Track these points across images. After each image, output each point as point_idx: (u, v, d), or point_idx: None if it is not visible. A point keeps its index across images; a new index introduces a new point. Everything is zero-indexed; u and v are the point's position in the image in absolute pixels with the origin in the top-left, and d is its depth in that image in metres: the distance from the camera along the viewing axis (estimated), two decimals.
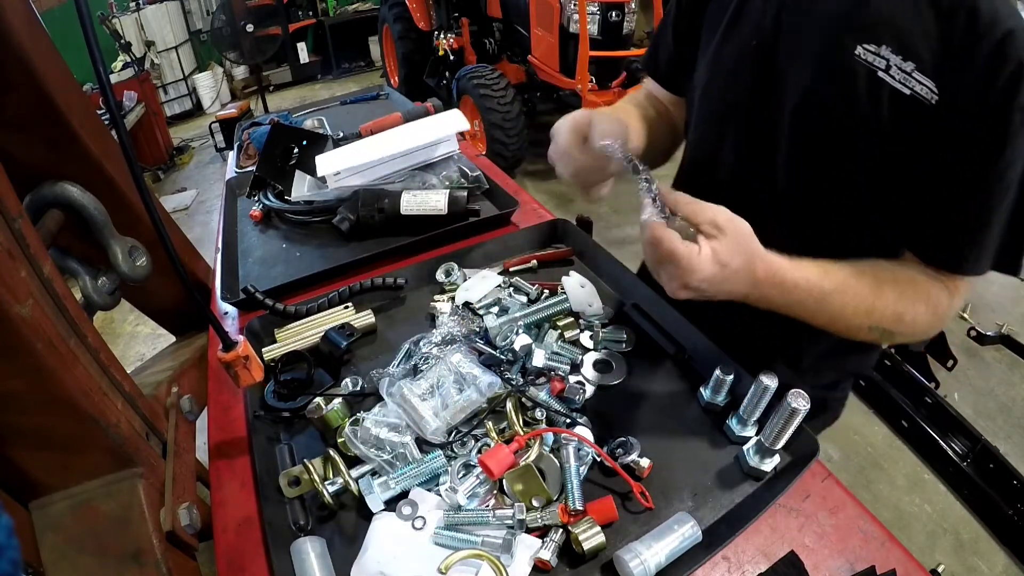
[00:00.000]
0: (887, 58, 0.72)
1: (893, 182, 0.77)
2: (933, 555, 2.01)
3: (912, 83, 0.70)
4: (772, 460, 0.73)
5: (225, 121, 4.99)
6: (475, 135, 4.13)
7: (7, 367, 0.65)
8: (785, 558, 0.66)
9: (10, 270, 0.62)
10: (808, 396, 0.68)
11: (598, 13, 3.49)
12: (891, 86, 0.72)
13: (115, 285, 0.99)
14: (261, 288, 1.05)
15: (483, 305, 1.00)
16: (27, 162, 0.85)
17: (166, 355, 1.20)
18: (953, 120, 0.70)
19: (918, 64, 0.70)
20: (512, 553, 0.65)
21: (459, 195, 1.26)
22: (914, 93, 0.70)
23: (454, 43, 4.68)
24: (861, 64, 0.73)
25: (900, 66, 0.71)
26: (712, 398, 0.81)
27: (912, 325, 0.79)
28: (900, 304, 0.77)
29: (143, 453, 0.79)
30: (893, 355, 2.61)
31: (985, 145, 0.69)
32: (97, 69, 0.50)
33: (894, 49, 0.71)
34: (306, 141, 1.40)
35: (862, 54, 0.73)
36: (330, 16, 7.12)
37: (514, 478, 0.71)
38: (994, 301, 3.22)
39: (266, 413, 0.87)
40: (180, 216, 4.51)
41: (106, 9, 5.56)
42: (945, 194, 0.74)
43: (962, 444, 2.28)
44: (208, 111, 6.54)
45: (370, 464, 0.76)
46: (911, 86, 0.71)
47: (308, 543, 0.67)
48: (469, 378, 0.81)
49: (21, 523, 0.73)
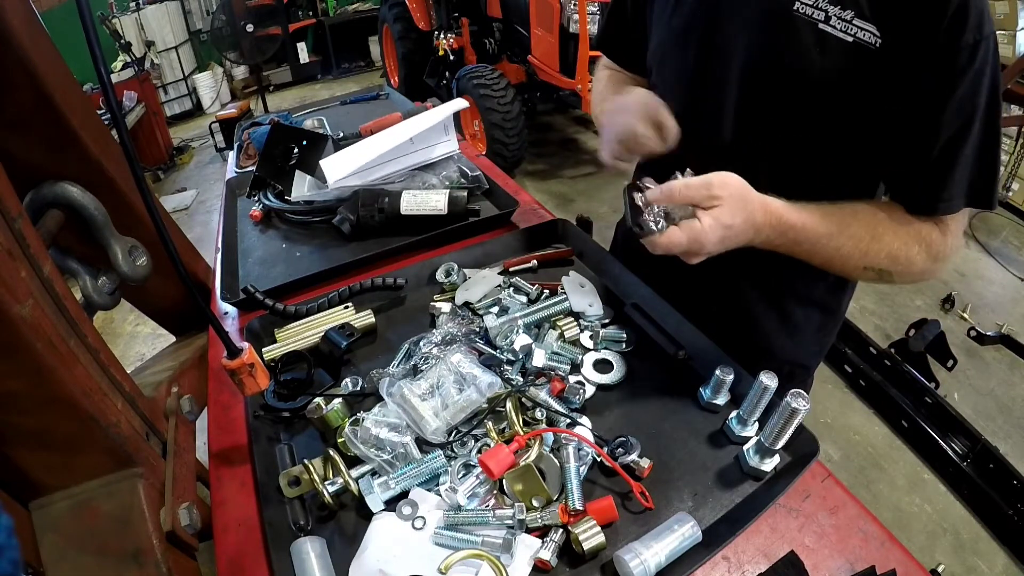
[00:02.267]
0: (825, 9, 0.74)
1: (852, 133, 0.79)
2: (933, 555, 2.01)
3: (854, 30, 0.72)
4: (772, 460, 0.73)
5: (225, 121, 4.99)
6: (475, 135, 4.13)
7: (7, 367, 0.65)
8: (785, 558, 0.66)
9: (10, 270, 0.62)
10: (807, 396, 0.68)
11: (598, 13, 3.49)
12: (834, 36, 0.74)
13: (115, 285, 0.99)
14: (261, 288, 1.05)
15: (483, 305, 1.00)
16: (27, 162, 0.85)
17: (166, 355, 1.20)
18: (899, 61, 0.71)
19: (857, 11, 0.72)
20: (512, 553, 0.65)
21: (459, 195, 1.26)
22: (857, 40, 0.72)
23: (454, 43, 4.68)
24: (802, 19, 0.75)
25: (840, 15, 0.73)
26: (712, 398, 0.81)
27: (907, 265, 0.81)
28: (895, 245, 0.79)
29: (143, 453, 0.79)
30: (893, 355, 2.61)
31: (936, 84, 0.71)
32: (98, 69, 0.50)
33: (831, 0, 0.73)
34: (306, 141, 1.40)
35: (800, 8, 0.75)
36: (330, 16, 7.12)
37: (514, 478, 0.71)
38: (994, 301, 3.22)
39: (266, 413, 0.87)
40: (180, 216, 4.51)
41: (106, 9, 5.56)
42: (905, 137, 0.76)
43: (962, 444, 2.28)
44: (208, 111, 6.54)
45: (370, 464, 0.76)
46: (853, 33, 0.72)
47: (308, 543, 0.67)
48: (469, 378, 0.81)
49: (21, 523, 0.73)
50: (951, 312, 3.10)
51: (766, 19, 0.78)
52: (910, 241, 0.79)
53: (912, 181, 0.79)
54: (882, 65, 0.72)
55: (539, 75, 4.18)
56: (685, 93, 0.91)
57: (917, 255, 0.80)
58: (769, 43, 0.79)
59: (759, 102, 0.83)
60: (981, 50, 0.69)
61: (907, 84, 0.72)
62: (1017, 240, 3.75)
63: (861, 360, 2.68)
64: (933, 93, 0.71)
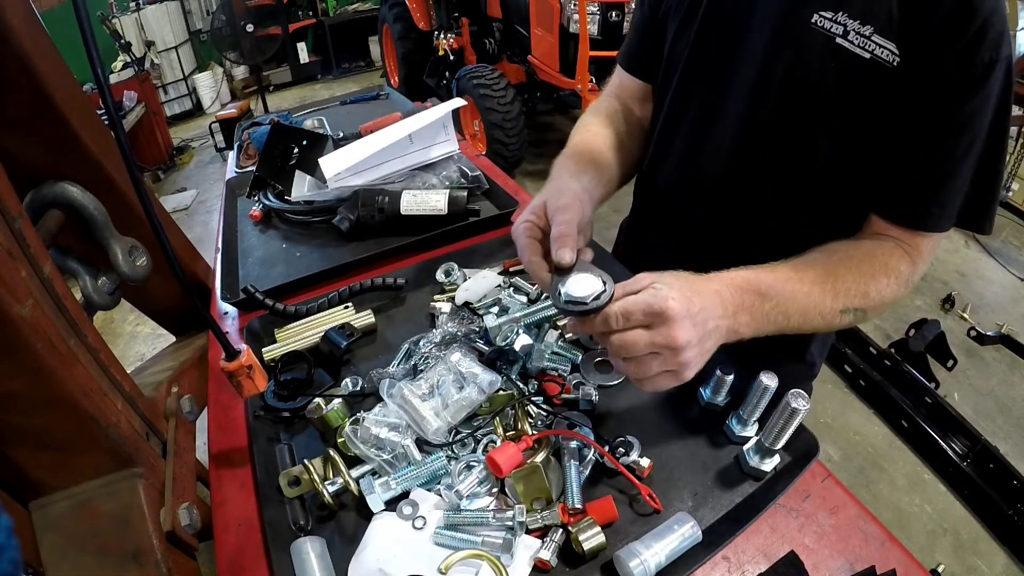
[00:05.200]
0: (844, 23, 0.71)
1: (854, 147, 0.77)
2: (933, 555, 2.01)
3: (872, 46, 0.70)
4: (772, 460, 0.73)
5: (225, 121, 4.99)
6: (475, 135, 4.13)
7: (7, 367, 0.65)
8: (785, 558, 0.66)
9: (10, 270, 0.62)
10: (807, 396, 0.68)
11: (598, 13, 3.49)
12: (850, 51, 0.71)
13: (115, 285, 0.99)
14: (261, 288, 1.05)
15: (483, 305, 1.00)
16: (27, 162, 0.85)
17: (166, 355, 1.20)
18: (915, 81, 0.69)
19: (877, 27, 0.69)
20: (512, 553, 0.65)
21: (459, 195, 1.26)
22: (874, 56, 0.70)
23: (454, 43, 4.68)
24: (818, 31, 0.73)
25: (859, 30, 0.70)
26: (712, 398, 0.81)
27: (879, 299, 0.77)
28: (861, 282, 0.75)
29: (143, 453, 0.79)
30: (893, 355, 2.61)
31: (946, 97, 0.69)
32: (95, 71, 0.50)
33: (852, 14, 0.71)
34: (306, 141, 1.40)
35: (819, 21, 0.73)
36: (330, 16, 7.11)
37: (519, 478, 0.70)
38: (994, 301, 3.22)
39: (266, 413, 0.87)
40: (180, 216, 4.51)
41: (106, 9, 5.55)
42: (908, 149, 0.74)
43: (962, 444, 2.28)
44: (208, 111, 6.53)
45: (370, 464, 0.76)
46: (871, 49, 0.70)
47: (308, 543, 0.67)
48: (469, 376, 0.81)
49: (21, 523, 0.73)
50: (951, 312, 3.10)
51: (782, 30, 0.76)
52: (877, 274, 0.76)
53: (903, 193, 0.76)
54: (898, 85, 0.70)
55: (539, 75, 4.18)
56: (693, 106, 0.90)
57: (887, 287, 0.76)
58: (787, 55, 0.77)
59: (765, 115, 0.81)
60: (996, 71, 0.67)
61: (918, 100, 0.70)
62: (1017, 240, 3.76)
63: (861, 360, 2.68)
64: (941, 107, 0.70)
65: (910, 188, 0.76)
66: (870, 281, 0.75)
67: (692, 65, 0.89)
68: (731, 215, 0.91)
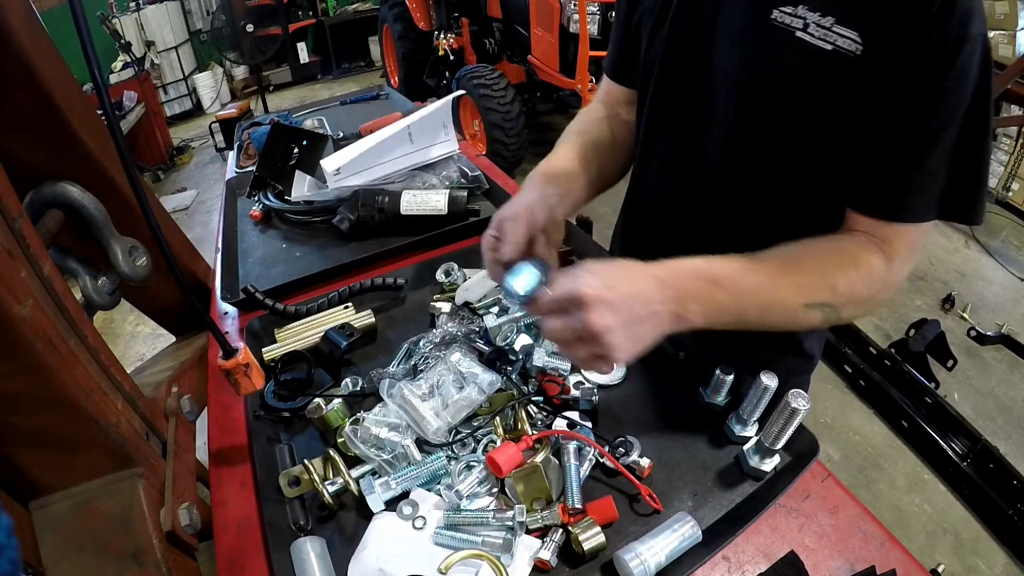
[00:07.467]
0: (804, 17, 0.70)
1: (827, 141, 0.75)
2: (933, 555, 2.01)
3: (833, 37, 0.69)
4: (772, 460, 0.73)
5: (225, 121, 4.98)
6: (475, 135, 4.13)
7: (7, 367, 0.65)
8: (785, 558, 0.66)
9: (10, 270, 0.62)
10: (807, 397, 0.68)
11: (598, 13, 3.49)
12: (811, 44, 0.70)
13: (115, 285, 0.99)
14: (261, 288, 1.05)
15: (483, 305, 1.00)
16: (27, 162, 0.85)
17: (166, 355, 1.20)
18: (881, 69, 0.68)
19: (838, 17, 0.68)
20: (512, 553, 0.65)
21: (459, 195, 1.26)
22: (837, 48, 0.69)
23: (454, 43, 4.68)
24: (779, 28, 0.72)
25: (819, 22, 0.69)
26: (712, 398, 0.81)
27: (850, 293, 0.73)
28: (827, 274, 0.72)
29: (143, 453, 0.79)
30: (893, 355, 2.61)
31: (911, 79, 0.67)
32: (92, 72, 0.50)
33: (811, 6, 0.70)
34: (306, 141, 1.40)
35: (779, 17, 0.72)
36: (330, 16, 7.11)
37: (519, 478, 0.71)
38: (994, 301, 3.22)
39: (266, 413, 0.87)
40: (180, 216, 4.51)
41: (106, 9, 5.55)
42: (879, 137, 0.72)
43: (962, 444, 2.28)
44: (208, 111, 6.53)
45: (370, 464, 0.76)
46: (832, 40, 0.69)
47: (308, 543, 0.67)
48: (469, 377, 0.81)
49: (21, 523, 0.73)
50: (951, 312, 3.10)
51: (749, 30, 0.76)
52: (845, 266, 0.72)
53: (878, 183, 0.73)
54: (864, 74, 0.69)
55: (539, 75, 4.18)
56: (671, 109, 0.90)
57: (857, 281, 0.72)
58: (751, 54, 0.77)
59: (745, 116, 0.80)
60: (966, 48, 0.64)
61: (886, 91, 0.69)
62: (1017, 240, 3.75)
63: (861, 360, 2.68)
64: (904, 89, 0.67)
65: (878, 176, 0.73)
66: (837, 273, 0.72)
67: (665, 69, 0.90)
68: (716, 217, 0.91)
